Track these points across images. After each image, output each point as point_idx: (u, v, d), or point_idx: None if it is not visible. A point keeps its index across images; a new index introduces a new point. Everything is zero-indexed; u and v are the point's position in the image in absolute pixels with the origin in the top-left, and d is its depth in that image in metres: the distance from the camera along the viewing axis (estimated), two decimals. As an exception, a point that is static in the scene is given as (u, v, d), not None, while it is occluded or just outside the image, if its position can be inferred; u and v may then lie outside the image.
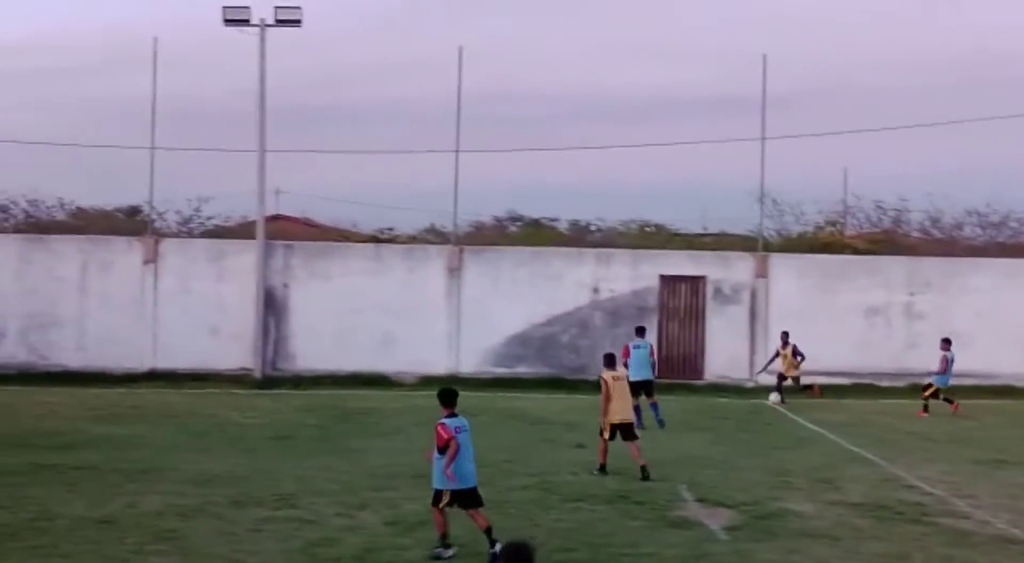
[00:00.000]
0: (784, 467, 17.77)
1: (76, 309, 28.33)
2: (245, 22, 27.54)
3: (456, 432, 12.03)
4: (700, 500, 15.11)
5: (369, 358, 28.34)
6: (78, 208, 36.29)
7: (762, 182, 30.15)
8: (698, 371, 29.12)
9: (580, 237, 34.18)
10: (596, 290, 29.22)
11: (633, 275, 29.27)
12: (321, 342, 28.20)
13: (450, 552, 11.91)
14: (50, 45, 62.60)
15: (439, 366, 28.54)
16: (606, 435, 16.94)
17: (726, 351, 29.16)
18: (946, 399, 24.53)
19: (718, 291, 29.36)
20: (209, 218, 35.38)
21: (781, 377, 26.40)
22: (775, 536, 13.09)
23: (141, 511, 13.75)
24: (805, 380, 26.62)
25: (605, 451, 16.94)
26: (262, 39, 27.93)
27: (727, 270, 29.54)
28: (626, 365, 20.95)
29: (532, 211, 37.20)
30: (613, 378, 17.13)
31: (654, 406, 21.98)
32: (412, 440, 20.08)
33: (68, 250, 28.59)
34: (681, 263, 29.67)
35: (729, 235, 34.75)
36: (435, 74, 56.48)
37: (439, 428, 12.14)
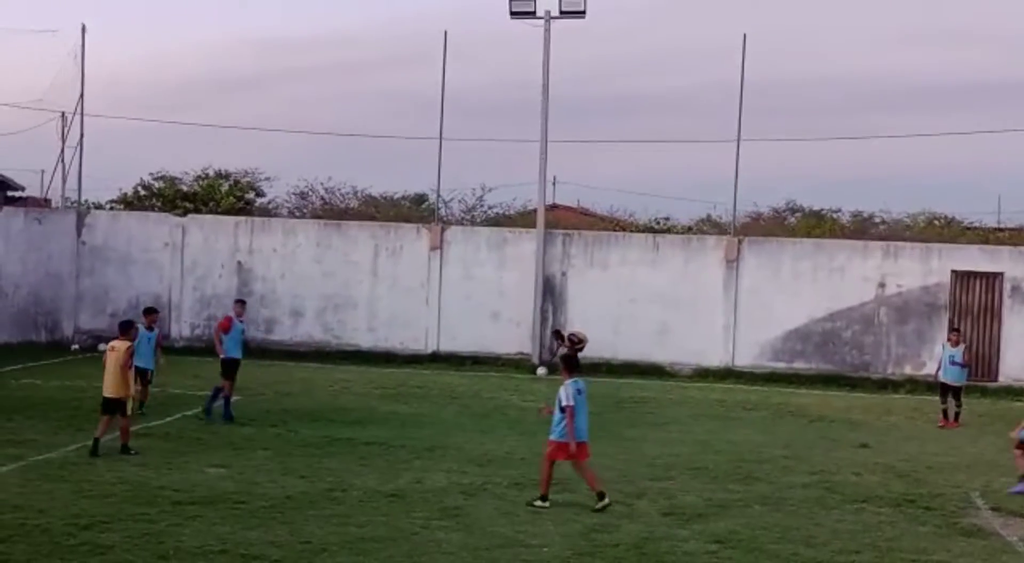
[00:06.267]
0: (1090, 479, 16.53)
1: (367, 292, 29.78)
2: (531, 14, 28.11)
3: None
4: (995, 509, 14.29)
5: (644, 348, 28.41)
6: (368, 196, 38.18)
7: (1068, 173, 28.11)
8: (992, 372, 27.51)
9: (863, 229, 32.94)
10: (882, 285, 28.08)
11: (923, 270, 27.95)
12: (597, 330, 28.26)
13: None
14: (343, 40, 66.22)
15: (714, 358, 28.27)
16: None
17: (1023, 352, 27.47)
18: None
19: (1016, 289, 27.63)
20: (491, 207, 36.44)
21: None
22: (1081, 552, 12.21)
23: (427, 487, 14.30)
24: None
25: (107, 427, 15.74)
26: (547, 31, 28.40)
27: (1027, 266, 27.76)
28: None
29: (812, 202, 36.20)
30: (107, 348, 16.15)
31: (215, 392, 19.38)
32: (688, 431, 20.04)
33: (362, 235, 30.07)
34: (975, 258, 28.10)
35: (1028, 229, 32.68)
36: (715, 63, 56.00)
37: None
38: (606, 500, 13.35)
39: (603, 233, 31.01)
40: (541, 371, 27.69)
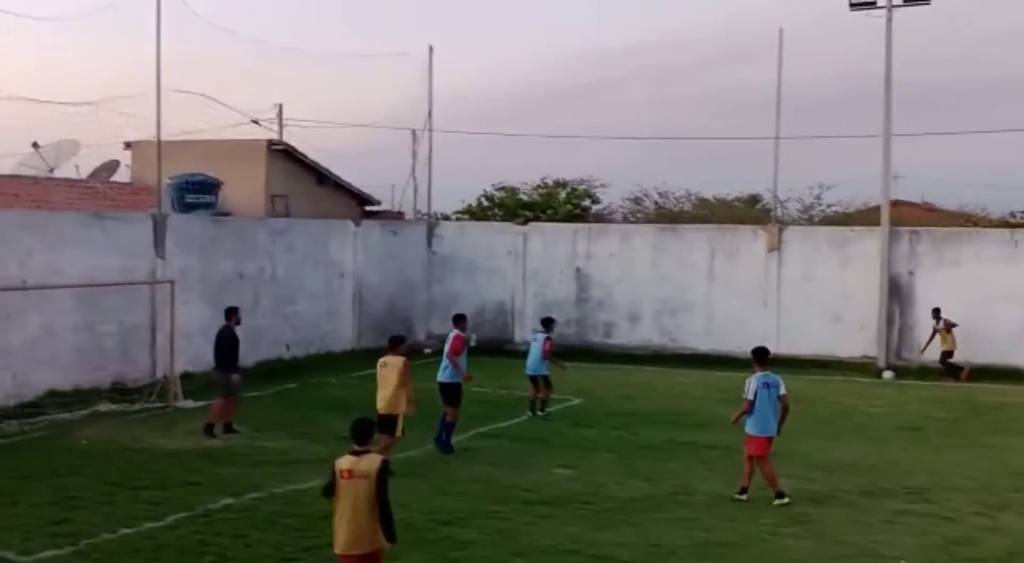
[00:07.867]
0: None
1: (704, 295, 29.64)
2: (871, 4, 27.10)
3: None
4: None
5: (1001, 350, 26.59)
6: (701, 198, 38.16)
7: None
8: None
9: None
10: None
11: None
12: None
13: None
14: (671, 44, 66.22)
15: (1084, 361, 26.06)
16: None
17: None
18: None
19: None
20: (830, 205, 35.46)
21: (946, 354, 26.07)
22: None
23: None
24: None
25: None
26: (888, 20, 27.21)
27: None
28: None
29: None
30: (380, 364, 15.55)
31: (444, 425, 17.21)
32: (1056, 440, 18.63)
33: (697, 239, 29.97)
34: None
35: None
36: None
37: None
38: (785, 499, 13.40)
39: (954, 229, 29.37)
40: (888, 375, 26.57)
